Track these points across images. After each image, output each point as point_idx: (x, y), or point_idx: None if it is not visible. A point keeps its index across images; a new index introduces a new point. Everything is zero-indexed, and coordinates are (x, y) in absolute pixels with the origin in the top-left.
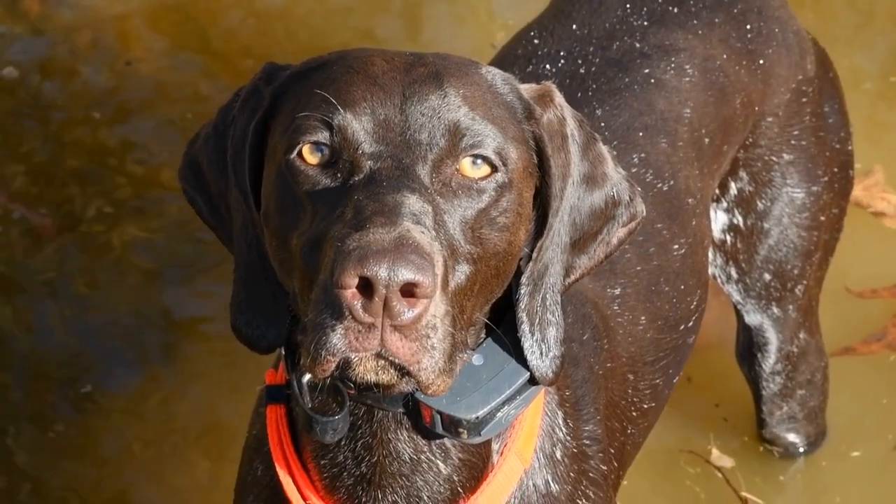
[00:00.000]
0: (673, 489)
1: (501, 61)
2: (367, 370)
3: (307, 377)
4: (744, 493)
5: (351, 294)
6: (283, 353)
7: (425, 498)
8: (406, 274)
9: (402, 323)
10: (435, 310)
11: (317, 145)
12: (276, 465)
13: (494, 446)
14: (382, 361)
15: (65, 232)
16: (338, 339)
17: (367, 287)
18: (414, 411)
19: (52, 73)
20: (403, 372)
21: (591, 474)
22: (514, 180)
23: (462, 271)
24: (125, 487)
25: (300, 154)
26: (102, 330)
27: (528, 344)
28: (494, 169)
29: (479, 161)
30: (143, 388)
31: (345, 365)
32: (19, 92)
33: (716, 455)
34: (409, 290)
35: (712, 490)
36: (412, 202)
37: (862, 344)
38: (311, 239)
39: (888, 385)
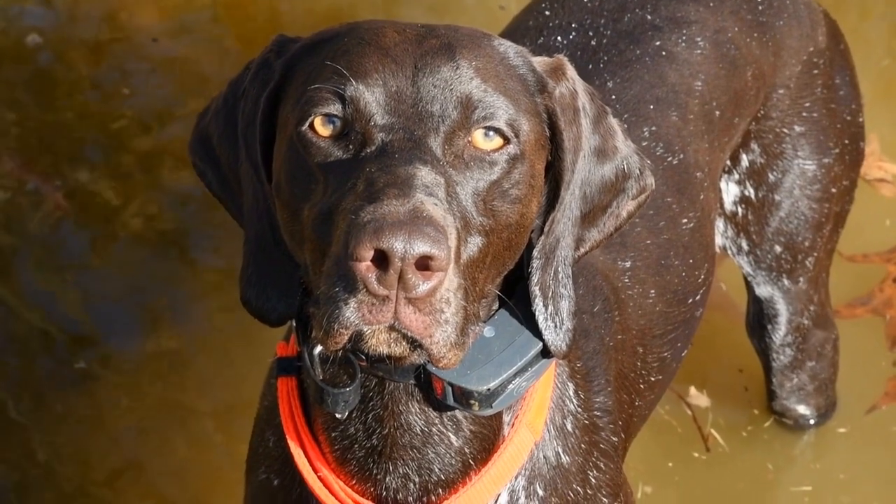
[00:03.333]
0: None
1: (513, 33)
2: (380, 342)
3: (318, 349)
4: (709, 429)
5: (365, 267)
6: (295, 325)
7: (436, 470)
8: (422, 247)
9: (417, 296)
10: (448, 283)
11: (328, 117)
12: (286, 436)
13: (505, 418)
14: (395, 334)
15: (74, 203)
16: (351, 311)
17: (382, 259)
18: (425, 383)
19: (75, 45)
20: (416, 344)
21: (601, 445)
22: (527, 152)
23: (474, 243)
24: (135, 459)
25: (312, 126)
26: (109, 303)
27: (542, 317)
28: (507, 141)
29: (491, 133)
30: (151, 359)
31: (357, 337)
32: (41, 62)
33: (693, 394)
34: (423, 263)
35: (688, 425)
36: (424, 174)
37: (846, 307)
38: (323, 211)
39: (874, 347)
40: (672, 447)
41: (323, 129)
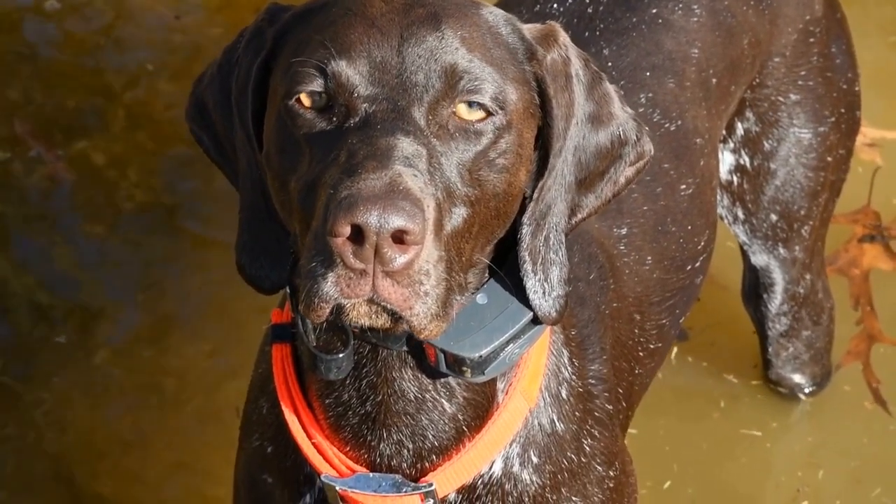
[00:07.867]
0: None
1: (508, 1)
2: (360, 315)
3: None
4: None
5: (342, 241)
6: (289, 292)
7: (430, 437)
8: (396, 221)
9: (393, 269)
10: (427, 255)
11: (312, 92)
12: (281, 403)
13: (499, 385)
14: (375, 307)
15: (74, 171)
16: (329, 285)
17: (358, 234)
18: (418, 350)
19: (96, 15)
20: (396, 317)
21: (596, 413)
22: (514, 122)
23: (459, 214)
24: (130, 427)
25: (298, 99)
26: (104, 272)
27: (531, 283)
28: (491, 113)
29: (475, 105)
30: (145, 328)
31: (338, 310)
32: (59, 31)
33: None
34: (399, 237)
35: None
36: (405, 145)
37: None
38: (308, 183)
39: (839, 307)
40: None
41: (308, 103)
